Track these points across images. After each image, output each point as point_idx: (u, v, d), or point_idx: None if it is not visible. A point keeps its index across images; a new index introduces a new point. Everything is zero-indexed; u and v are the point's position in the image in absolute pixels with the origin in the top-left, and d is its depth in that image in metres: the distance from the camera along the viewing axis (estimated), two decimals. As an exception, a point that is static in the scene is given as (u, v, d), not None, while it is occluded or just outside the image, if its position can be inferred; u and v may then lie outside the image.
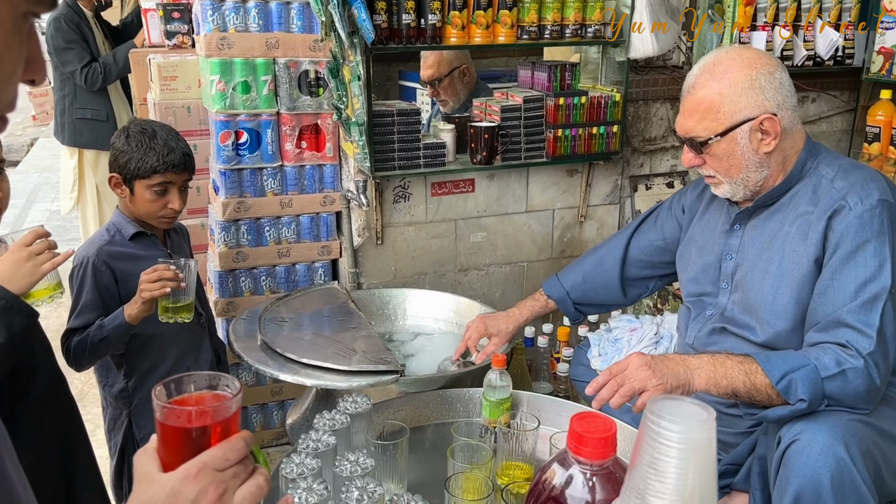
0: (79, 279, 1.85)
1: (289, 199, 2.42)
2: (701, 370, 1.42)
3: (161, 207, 1.89)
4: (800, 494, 1.30)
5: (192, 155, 1.93)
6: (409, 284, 2.53)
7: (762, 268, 1.59)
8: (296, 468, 1.44)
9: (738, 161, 1.56)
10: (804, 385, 1.35)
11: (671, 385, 1.40)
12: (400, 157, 2.31)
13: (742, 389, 1.41)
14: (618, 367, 1.45)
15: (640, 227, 1.98)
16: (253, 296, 2.46)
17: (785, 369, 1.38)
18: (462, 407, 1.93)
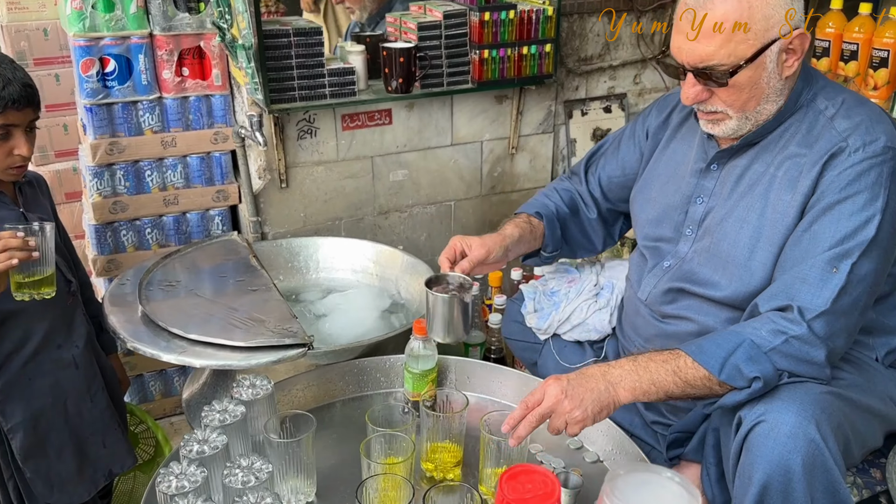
0: None
1: (172, 138, 2.06)
2: (624, 382, 1.24)
3: (5, 155, 1.52)
4: (767, 483, 1.13)
5: (35, 87, 1.54)
6: (322, 232, 2.24)
7: (740, 216, 1.35)
8: (175, 481, 1.18)
9: (759, 91, 1.28)
10: (749, 364, 1.18)
11: (592, 412, 1.23)
12: (301, 87, 1.98)
13: (675, 390, 1.23)
14: (533, 398, 1.25)
15: (595, 157, 1.72)
16: (137, 251, 2.13)
17: (722, 356, 1.20)
18: (383, 377, 1.69)
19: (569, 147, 2.55)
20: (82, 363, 1.74)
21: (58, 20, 2.17)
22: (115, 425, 1.84)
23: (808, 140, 1.30)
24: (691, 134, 1.50)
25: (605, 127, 2.57)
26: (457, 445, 1.42)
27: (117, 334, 1.65)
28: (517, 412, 1.25)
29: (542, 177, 2.54)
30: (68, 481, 1.72)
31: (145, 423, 2.15)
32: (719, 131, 1.35)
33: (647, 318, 1.50)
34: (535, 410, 1.23)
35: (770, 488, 1.13)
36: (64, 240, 1.80)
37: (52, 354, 1.65)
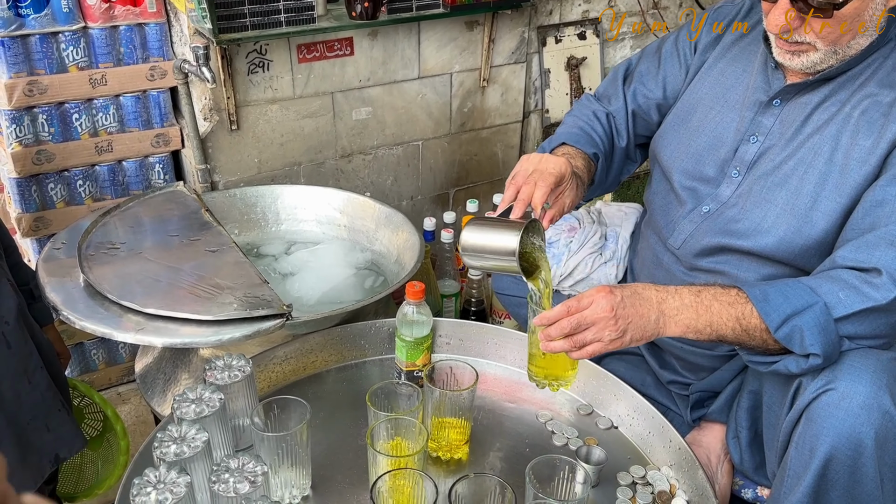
0: None
1: (101, 75, 1.77)
2: (680, 316, 1.11)
3: None
4: (832, 456, 1.04)
5: None
6: (280, 179, 2.01)
7: (803, 159, 1.20)
8: (155, 493, 1.00)
9: (859, 23, 1.11)
10: (813, 334, 1.05)
11: (632, 339, 1.10)
12: (253, 13, 1.71)
13: (730, 336, 1.11)
14: (578, 303, 1.10)
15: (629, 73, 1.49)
16: (69, 207, 1.85)
17: (787, 311, 1.07)
18: (368, 344, 1.53)
19: (542, 78, 2.37)
20: (15, 341, 1.49)
21: (-53, -69, 1.80)
22: (59, 406, 1.62)
23: (893, 79, 1.15)
24: (748, 55, 1.31)
25: (581, 55, 2.39)
26: (465, 421, 1.29)
27: (59, 311, 1.42)
28: (556, 310, 1.10)
29: (513, 111, 2.36)
30: (11, 473, 1.50)
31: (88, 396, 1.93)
32: (798, 63, 1.18)
33: (671, 269, 1.37)
34: (575, 316, 1.09)
35: (835, 461, 1.04)
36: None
37: None
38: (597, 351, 1.10)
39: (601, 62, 2.45)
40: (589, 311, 1.08)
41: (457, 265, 2.12)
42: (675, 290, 1.13)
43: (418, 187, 2.29)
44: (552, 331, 1.10)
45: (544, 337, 1.12)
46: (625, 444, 1.35)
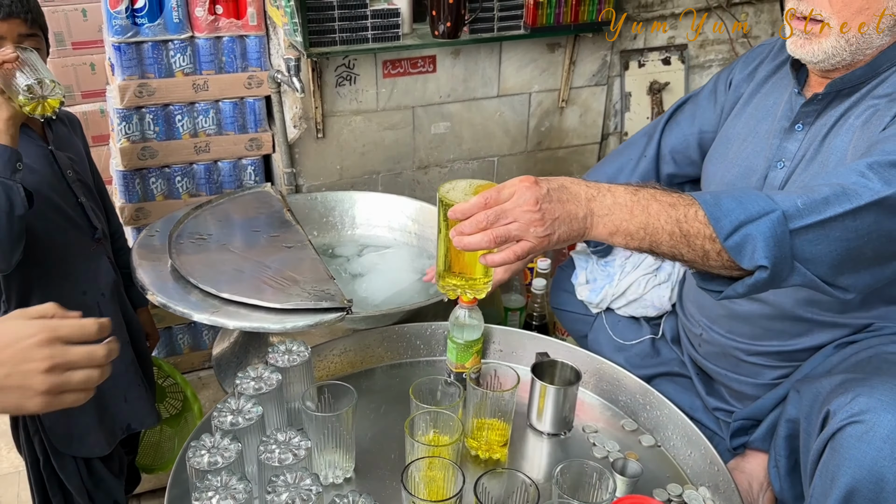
0: None
1: (204, 81, 1.94)
2: (611, 216, 0.99)
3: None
4: (853, 489, 1.02)
5: (31, 2, 1.41)
6: (359, 186, 2.12)
7: (826, 167, 1.20)
8: (208, 455, 1.10)
9: (878, 4, 1.09)
10: (767, 244, 0.95)
11: (559, 239, 0.99)
12: (342, 29, 1.84)
13: (666, 243, 0.99)
14: (498, 194, 0.99)
15: (673, 115, 1.56)
16: (167, 200, 2.03)
17: (740, 218, 0.96)
18: (423, 344, 1.60)
19: (623, 101, 2.39)
20: (107, 312, 1.66)
21: (84, -50, 2.04)
22: (139, 382, 1.77)
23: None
24: (778, 90, 1.34)
25: (664, 80, 2.40)
26: (505, 424, 1.33)
27: (145, 289, 1.56)
28: (471, 203, 0.99)
29: (592, 132, 2.39)
30: (88, 434, 1.67)
31: (172, 377, 2.09)
32: (808, 52, 1.17)
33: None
34: (494, 208, 0.97)
35: (857, 494, 1.02)
36: (97, 184, 1.71)
37: (75, 301, 1.57)
38: (522, 251, 0.99)
39: (685, 88, 2.45)
40: (510, 204, 0.98)
41: (524, 280, 2.16)
42: (609, 187, 1.02)
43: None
44: (466, 225, 0.99)
45: (456, 233, 1.00)
46: (666, 462, 1.35)
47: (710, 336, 1.41)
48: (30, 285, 1.54)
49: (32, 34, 1.42)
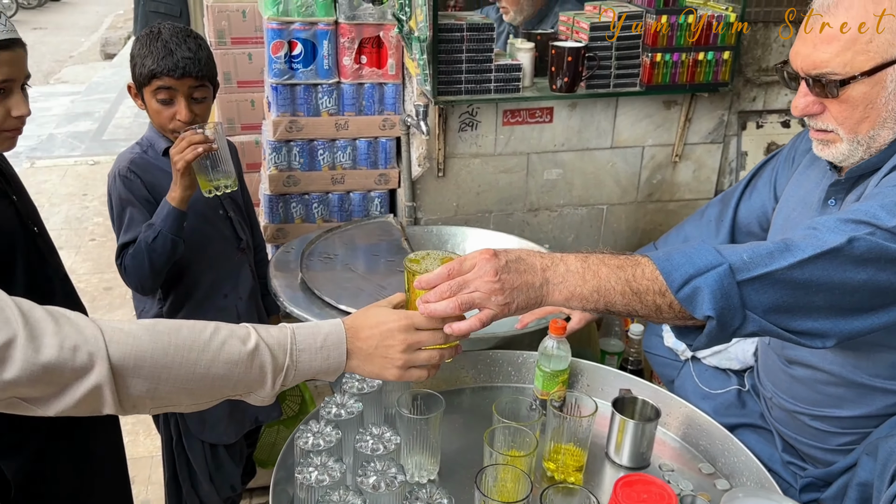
0: (116, 195, 1.71)
1: (345, 121, 2.20)
2: (565, 283, 1.09)
3: (169, 119, 1.68)
4: None
5: (202, 60, 1.67)
6: (472, 223, 2.29)
7: None
8: (312, 438, 1.28)
9: (875, 113, 1.19)
10: (713, 296, 1.02)
11: (518, 307, 1.08)
12: (468, 80, 2.03)
13: (619, 303, 1.08)
14: (460, 266, 1.09)
15: (751, 181, 1.62)
16: (304, 223, 2.29)
17: (689, 272, 1.04)
18: (514, 371, 1.71)
19: (738, 160, 2.43)
20: (244, 315, 1.91)
21: (255, 3, 2.37)
22: (266, 379, 2.00)
23: None
24: (820, 165, 1.40)
25: (781, 142, 2.42)
26: (580, 450, 1.42)
27: (277, 296, 1.79)
28: (434, 273, 1.09)
29: (705, 188, 2.44)
30: (219, 422, 1.90)
31: (293, 382, 2.32)
32: (829, 154, 1.27)
33: (775, 361, 1.43)
34: (457, 279, 1.07)
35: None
36: (246, 203, 1.98)
37: (218, 302, 1.83)
38: (486, 318, 1.08)
39: (805, 150, 2.45)
40: (472, 275, 1.07)
41: (624, 325, 2.22)
42: (561, 257, 1.11)
43: (598, 248, 2.44)
44: (431, 295, 1.09)
45: (423, 301, 1.10)
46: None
47: (778, 401, 1.45)
48: (182, 284, 1.81)
49: (201, 86, 1.69)
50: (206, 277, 1.83)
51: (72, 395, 0.93)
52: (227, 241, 1.86)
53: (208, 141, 1.57)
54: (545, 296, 1.10)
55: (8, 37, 1.35)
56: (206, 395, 1.04)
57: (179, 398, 1.01)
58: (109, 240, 4.15)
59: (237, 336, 1.03)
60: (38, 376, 0.89)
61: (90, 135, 6.30)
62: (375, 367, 1.15)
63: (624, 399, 1.49)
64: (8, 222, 1.44)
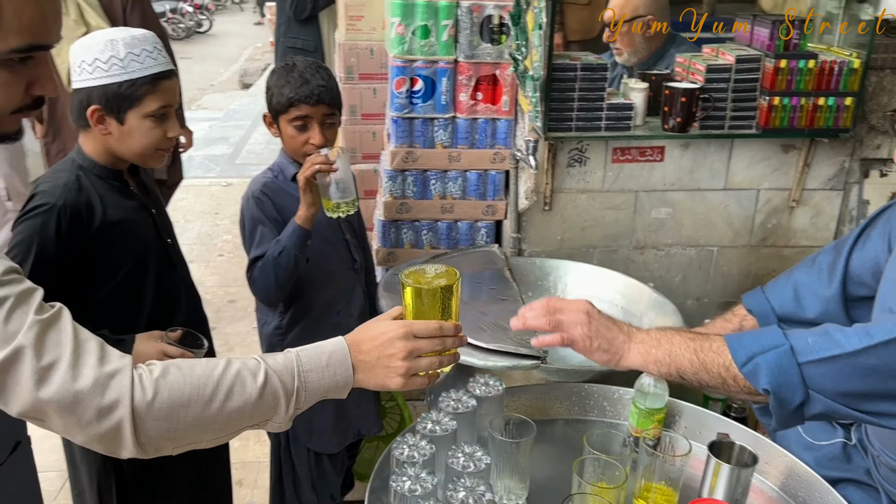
0: (249, 214, 1.87)
1: (458, 153, 2.30)
2: (642, 345, 1.27)
3: (303, 143, 1.83)
4: None
5: (333, 88, 1.82)
6: (576, 257, 2.32)
7: None
8: (407, 450, 1.35)
9: None
10: (770, 372, 1.13)
11: (599, 347, 1.28)
12: (579, 118, 2.08)
13: (688, 370, 1.23)
14: (558, 303, 1.32)
15: (865, 230, 1.56)
16: (413, 249, 2.40)
17: (753, 350, 1.16)
18: (609, 406, 1.72)
19: (859, 208, 2.33)
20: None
21: (383, 42, 2.53)
22: (371, 394, 2.10)
23: None
24: None
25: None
26: (672, 490, 1.41)
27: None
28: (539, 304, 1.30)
29: (823, 236, 2.35)
30: (325, 431, 2.02)
31: (395, 400, 2.42)
32: None
33: None
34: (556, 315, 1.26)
35: None
36: (361, 228, 2.11)
37: (332, 319, 1.95)
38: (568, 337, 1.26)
39: (938, 201, 2.32)
40: (567, 308, 1.28)
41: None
42: (650, 329, 1.28)
43: (707, 290, 2.40)
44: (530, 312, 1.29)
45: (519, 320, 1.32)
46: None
47: (886, 459, 1.38)
48: (301, 300, 1.95)
49: (332, 113, 1.84)
50: (322, 295, 1.96)
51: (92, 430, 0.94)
52: (344, 262, 1.99)
53: (328, 162, 1.70)
54: (624, 352, 1.26)
55: (167, 68, 1.54)
56: (224, 430, 1.04)
57: (199, 435, 1.02)
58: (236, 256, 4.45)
59: (248, 368, 1.04)
60: (67, 403, 0.91)
61: (225, 158, 6.80)
62: (379, 377, 1.17)
63: (721, 443, 1.47)
64: (146, 232, 1.62)
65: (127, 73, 1.47)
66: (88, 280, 1.54)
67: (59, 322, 0.94)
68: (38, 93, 0.99)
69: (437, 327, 1.18)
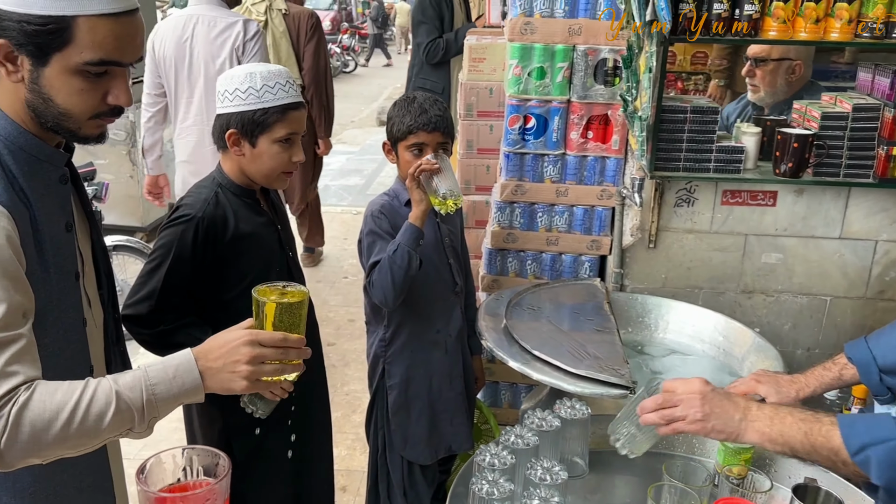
0: (368, 229, 2.04)
1: (565, 188, 2.39)
2: (757, 423, 1.28)
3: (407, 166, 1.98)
4: None
5: (448, 119, 1.98)
6: (679, 296, 2.32)
7: None
8: (489, 458, 1.43)
9: None
10: (880, 467, 1.12)
11: (714, 429, 1.30)
12: (687, 159, 2.12)
13: (800, 449, 1.24)
14: (673, 385, 1.35)
15: None
16: (517, 277, 2.49)
17: (865, 440, 1.16)
18: (698, 443, 1.73)
19: None
20: (451, 350, 2.14)
21: (501, 82, 2.68)
22: (464, 411, 2.20)
23: None
24: None
25: None
26: (749, 526, 1.41)
27: (483, 337, 1.99)
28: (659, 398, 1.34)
29: (949, 292, 2.23)
30: (419, 442, 2.13)
31: (489, 422, 2.50)
32: None
33: None
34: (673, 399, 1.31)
35: None
36: (464, 254, 2.24)
37: (431, 336, 2.08)
38: (680, 429, 1.30)
39: None
40: (683, 393, 1.31)
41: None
42: (763, 404, 1.30)
43: (818, 341, 2.33)
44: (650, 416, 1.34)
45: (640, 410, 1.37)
46: None
47: None
48: (405, 316, 2.09)
49: (445, 142, 2.00)
50: (424, 312, 2.10)
51: None
52: (446, 284, 2.12)
53: (430, 162, 1.88)
54: (742, 431, 1.29)
55: (296, 100, 1.74)
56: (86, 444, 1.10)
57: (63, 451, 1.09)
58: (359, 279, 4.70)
59: (102, 390, 1.09)
60: None
61: (357, 189, 7.21)
62: (225, 381, 1.19)
63: (806, 486, 1.45)
64: (271, 245, 1.82)
65: (261, 103, 1.68)
66: (222, 283, 1.75)
67: None
68: (112, 102, 1.16)
69: (281, 338, 1.22)
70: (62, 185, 1.24)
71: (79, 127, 1.18)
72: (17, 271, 1.09)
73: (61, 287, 1.21)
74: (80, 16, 1.09)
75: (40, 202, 1.18)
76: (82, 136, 1.20)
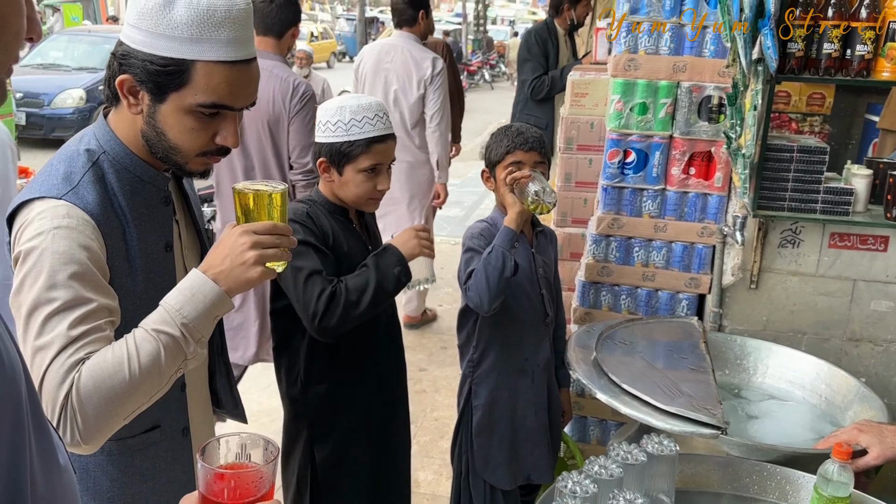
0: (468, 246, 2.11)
1: (664, 224, 2.37)
2: None
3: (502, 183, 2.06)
4: None
5: (543, 141, 2.07)
6: (781, 340, 2.24)
7: None
8: (570, 484, 1.44)
9: None
10: None
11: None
12: (792, 199, 2.06)
13: None
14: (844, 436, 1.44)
15: None
16: (610, 311, 2.48)
17: None
18: (791, 490, 1.66)
19: None
20: (538, 380, 2.16)
21: (602, 117, 2.70)
22: (545, 443, 2.20)
23: None
24: None
25: None
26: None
27: (572, 368, 2.00)
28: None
29: None
30: (499, 466, 2.15)
31: (574, 457, 2.48)
32: None
33: None
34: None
35: None
36: (556, 286, 2.26)
37: (518, 363, 2.11)
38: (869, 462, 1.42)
39: None
40: None
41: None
42: None
43: (933, 397, 2.19)
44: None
45: None
46: None
47: None
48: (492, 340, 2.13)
49: (542, 162, 2.05)
50: (514, 339, 2.13)
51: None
52: (537, 313, 2.15)
53: (523, 172, 1.98)
54: None
55: (383, 133, 1.84)
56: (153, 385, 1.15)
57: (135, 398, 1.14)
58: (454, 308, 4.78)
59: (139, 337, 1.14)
60: None
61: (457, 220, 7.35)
62: (240, 276, 1.18)
63: None
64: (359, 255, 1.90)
65: (347, 136, 1.80)
66: None
67: None
68: (221, 143, 1.25)
69: (271, 225, 1.21)
70: (164, 206, 1.34)
71: (186, 162, 1.27)
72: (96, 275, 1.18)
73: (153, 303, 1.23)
74: (199, 61, 1.18)
75: (138, 220, 1.27)
76: (188, 170, 1.30)
